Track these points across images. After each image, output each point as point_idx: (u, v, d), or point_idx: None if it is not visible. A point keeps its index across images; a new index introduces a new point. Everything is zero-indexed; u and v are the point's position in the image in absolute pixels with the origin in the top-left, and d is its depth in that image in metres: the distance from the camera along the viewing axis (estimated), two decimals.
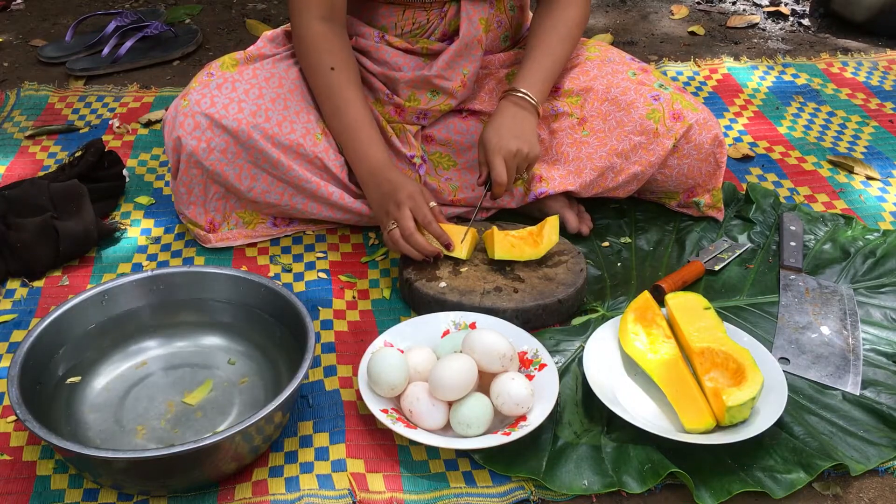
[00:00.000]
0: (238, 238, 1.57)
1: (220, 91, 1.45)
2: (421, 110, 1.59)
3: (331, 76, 1.48)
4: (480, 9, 1.56)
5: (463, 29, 1.54)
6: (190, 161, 1.46)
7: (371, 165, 1.46)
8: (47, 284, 1.49)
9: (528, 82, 1.51)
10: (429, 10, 1.55)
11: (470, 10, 1.55)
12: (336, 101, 1.48)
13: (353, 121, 1.47)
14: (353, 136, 1.47)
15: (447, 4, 1.55)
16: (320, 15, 1.48)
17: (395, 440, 1.21)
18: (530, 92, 1.50)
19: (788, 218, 1.65)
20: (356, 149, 1.48)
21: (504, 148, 1.44)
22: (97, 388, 1.25)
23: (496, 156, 1.44)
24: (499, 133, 1.46)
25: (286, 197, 1.52)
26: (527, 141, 1.46)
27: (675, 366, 1.26)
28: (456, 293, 1.40)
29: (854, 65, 2.34)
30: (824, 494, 1.16)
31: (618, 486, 1.14)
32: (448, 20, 1.56)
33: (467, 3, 1.54)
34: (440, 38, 1.58)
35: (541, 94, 1.52)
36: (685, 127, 1.53)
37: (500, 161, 1.44)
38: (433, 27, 1.57)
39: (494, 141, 1.45)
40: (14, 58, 2.36)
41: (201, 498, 1.12)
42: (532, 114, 1.50)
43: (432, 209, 1.42)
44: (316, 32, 1.48)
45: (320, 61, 1.48)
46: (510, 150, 1.44)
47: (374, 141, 1.48)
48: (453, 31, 1.58)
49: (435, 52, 1.57)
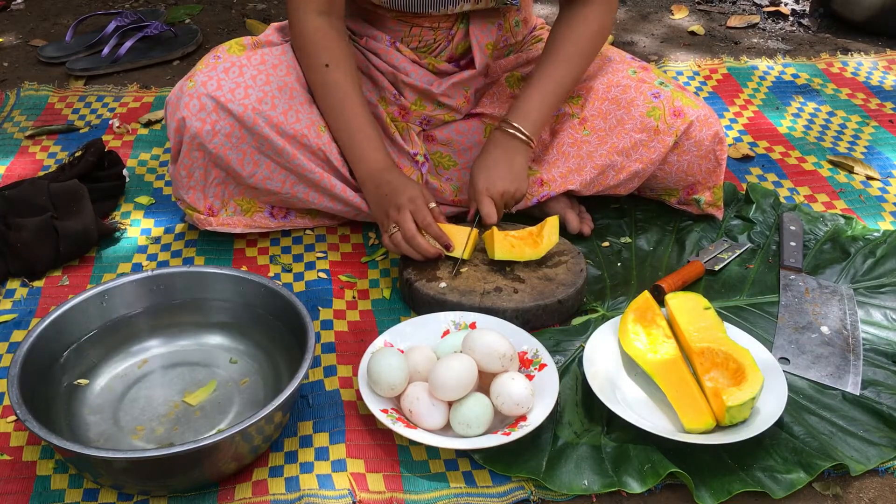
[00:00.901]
0: (237, 225, 1.55)
1: (226, 74, 1.44)
2: (425, 115, 1.60)
3: (326, 73, 1.47)
4: (488, 34, 1.56)
5: (477, 60, 1.56)
6: (193, 143, 1.44)
7: (370, 167, 1.46)
8: (47, 284, 1.49)
9: (523, 114, 1.48)
10: (436, 30, 1.55)
11: (479, 36, 1.55)
12: (332, 99, 1.48)
13: (351, 120, 1.47)
14: (351, 136, 1.47)
15: (455, 27, 1.55)
16: (317, 9, 1.46)
17: (395, 440, 1.21)
18: (524, 126, 1.48)
19: (788, 218, 1.65)
20: (354, 150, 1.48)
21: (492, 189, 1.45)
22: (97, 388, 1.25)
23: (484, 197, 1.45)
24: (488, 173, 1.46)
25: (287, 185, 1.52)
26: (514, 180, 1.47)
27: (675, 366, 1.26)
28: (456, 293, 1.40)
29: (854, 65, 2.34)
30: (824, 494, 1.16)
31: (618, 486, 1.14)
32: (455, 44, 1.57)
33: (476, 29, 1.54)
34: (447, 60, 1.59)
35: (536, 126, 1.49)
36: (686, 124, 1.52)
37: (489, 203, 1.45)
38: (440, 48, 1.57)
39: (482, 182, 1.46)
40: (14, 58, 2.36)
41: (201, 498, 1.12)
42: (522, 149, 1.49)
43: (432, 210, 1.42)
44: (312, 27, 1.47)
45: (316, 57, 1.47)
46: (497, 192, 1.45)
47: (372, 142, 1.47)
48: (460, 54, 1.59)
49: (441, 71, 1.58)
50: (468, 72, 1.58)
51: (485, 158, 1.48)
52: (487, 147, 1.49)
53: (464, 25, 1.55)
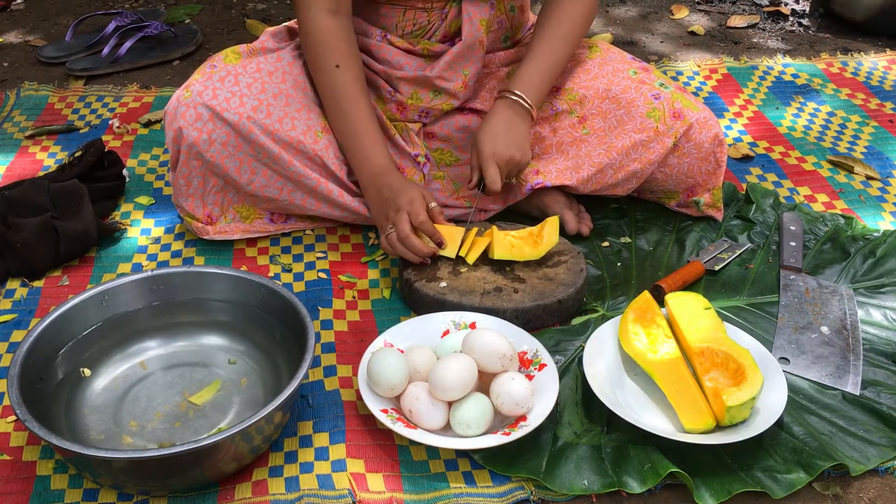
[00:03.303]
0: (235, 232, 1.57)
1: (222, 84, 1.45)
2: (423, 108, 1.60)
3: (335, 74, 1.47)
4: (481, 10, 1.56)
5: (465, 30, 1.55)
6: (190, 152, 1.45)
7: (372, 171, 1.47)
8: (47, 284, 1.49)
9: (525, 84, 1.50)
10: (429, 11, 1.55)
11: (471, 12, 1.55)
12: (340, 101, 1.48)
13: (357, 123, 1.47)
14: (356, 139, 1.48)
15: (448, 6, 1.55)
16: (327, 7, 1.47)
17: (395, 440, 1.21)
18: (526, 94, 1.49)
19: (788, 218, 1.65)
20: (359, 153, 1.48)
21: (498, 155, 1.45)
22: (97, 387, 1.25)
23: (490, 162, 1.45)
24: (493, 139, 1.46)
25: (285, 192, 1.52)
26: (519, 147, 1.47)
27: (675, 366, 1.26)
28: (456, 293, 1.40)
29: (854, 65, 2.34)
30: (824, 494, 1.16)
31: (618, 486, 1.14)
32: (449, 22, 1.56)
33: (468, 5, 1.54)
34: (441, 40, 1.58)
35: (537, 97, 1.51)
36: (685, 126, 1.53)
37: (494, 168, 1.45)
38: (434, 28, 1.57)
39: (488, 147, 1.46)
40: (14, 58, 2.36)
41: (201, 498, 1.12)
42: (526, 117, 1.50)
43: (431, 210, 1.42)
44: (322, 27, 1.47)
45: (325, 58, 1.47)
46: (503, 157, 1.46)
47: (376, 145, 1.48)
48: (454, 32, 1.58)
49: (436, 53, 1.57)
50: (458, 45, 1.55)
51: (490, 125, 1.48)
52: (491, 116, 1.50)
53: (457, 4, 1.55)
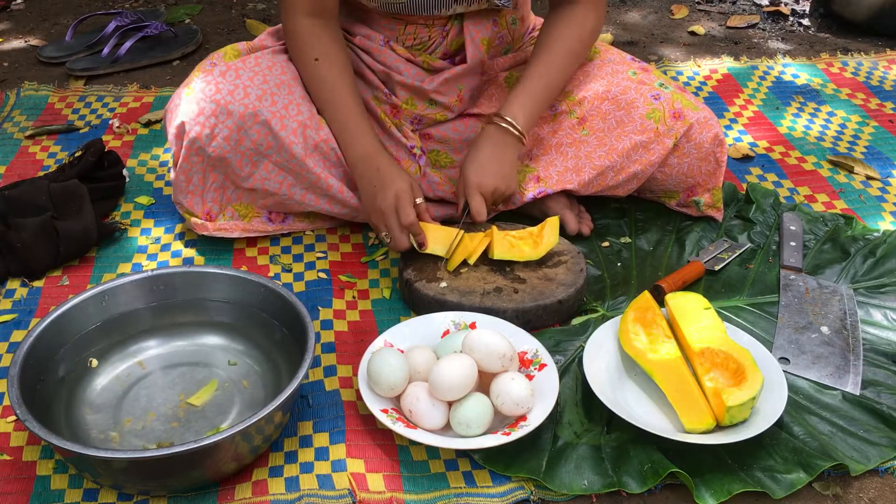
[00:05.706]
0: (234, 230, 1.56)
1: (224, 78, 1.45)
2: (417, 115, 1.60)
3: (316, 67, 1.49)
4: (483, 29, 1.56)
5: (469, 53, 1.56)
6: (192, 147, 1.45)
7: (359, 152, 1.48)
8: (47, 284, 1.49)
9: (516, 108, 1.48)
10: (430, 27, 1.55)
11: (473, 32, 1.55)
12: (323, 92, 1.49)
13: (341, 111, 1.48)
14: (342, 126, 1.49)
15: (449, 23, 1.55)
16: (308, 11, 1.48)
17: (395, 440, 1.21)
18: (516, 120, 1.47)
19: (788, 218, 1.65)
20: (345, 136, 1.49)
21: (483, 185, 1.46)
22: (97, 387, 1.25)
23: (474, 193, 1.46)
24: (479, 169, 1.46)
25: (285, 186, 1.52)
26: (504, 178, 1.48)
27: (675, 366, 1.26)
28: (456, 293, 1.40)
29: (854, 65, 2.34)
30: (824, 494, 1.16)
31: (618, 486, 1.14)
32: (450, 40, 1.56)
33: (470, 24, 1.54)
34: (442, 57, 1.59)
35: (528, 121, 1.49)
36: (686, 126, 1.52)
37: (479, 199, 1.46)
38: (435, 45, 1.57)
39: (474, 178, 1.46)
40: (14, 58, 2.36)
41: (201, 498, 1.12)
42: (515, 144, 1.49)
43: (417, 206, 1.42)
44: (300, 26, 1.49)
45: (304, 53, 1.49)
46: (488, 189, 1.46)
47: (361, 128, 1.48)
48: (455, 50, 1.59)
49: (436, 68, 1.58)
50: (461, 66, 1.57)
51: (476, 153, 1.48)
52: (479, 141, 1.49)
53: (458, 22, 1.55)
